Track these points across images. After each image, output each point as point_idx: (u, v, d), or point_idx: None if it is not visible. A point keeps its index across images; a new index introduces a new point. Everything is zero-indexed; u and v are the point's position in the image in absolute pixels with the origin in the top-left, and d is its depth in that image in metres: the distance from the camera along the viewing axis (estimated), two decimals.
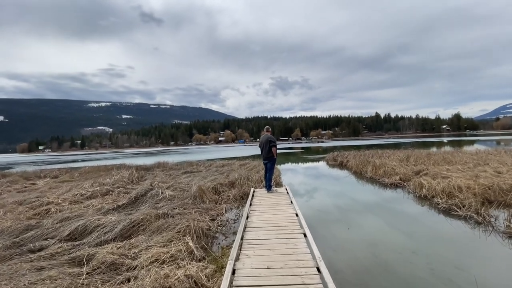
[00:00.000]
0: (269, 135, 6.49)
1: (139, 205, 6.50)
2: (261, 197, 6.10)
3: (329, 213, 5.84)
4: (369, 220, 5.30)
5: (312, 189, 8.52)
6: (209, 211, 5.93)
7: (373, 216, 5.52)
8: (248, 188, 7.51)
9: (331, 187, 8.80)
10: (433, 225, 4.86)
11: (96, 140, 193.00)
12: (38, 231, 4.37)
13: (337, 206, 6.34)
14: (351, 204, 6.57)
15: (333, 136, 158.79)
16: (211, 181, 8.81)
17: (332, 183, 9.59)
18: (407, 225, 4.96)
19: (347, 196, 7.43)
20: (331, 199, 7.13)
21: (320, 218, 5.45)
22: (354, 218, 5.41)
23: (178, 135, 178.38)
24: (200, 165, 15.51)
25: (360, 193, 7.76)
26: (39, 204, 6.65)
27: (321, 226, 4.84)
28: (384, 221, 5.17)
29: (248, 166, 13.05)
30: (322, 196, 7.54)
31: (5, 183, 11.04)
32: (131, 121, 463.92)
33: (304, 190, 8.46)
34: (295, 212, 4.59)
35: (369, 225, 4.98)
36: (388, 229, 4.76)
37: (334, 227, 4.87)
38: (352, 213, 5.77)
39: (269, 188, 6.56)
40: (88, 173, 14.21)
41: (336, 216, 5.62)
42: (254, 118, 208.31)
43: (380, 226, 4.93)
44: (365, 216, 5.58)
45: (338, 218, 5.43)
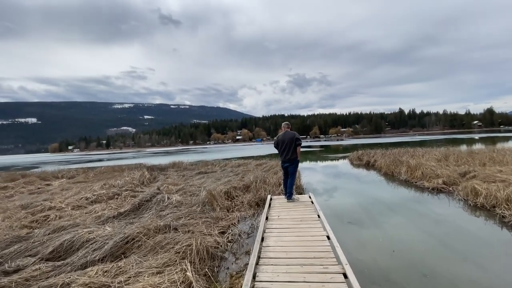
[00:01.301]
0: (293, 132, 5.49)
1: (143, 212, 5.86)
2: (280, 207, 5.15)
3: (362, 226, 4.81)
4: (413, 235, 4.22)
5: (338, 195, 7.46)
6: (219, 221, 5.12)
7: (417, 230, 4.42)
8: (265, 194, 6.62)
9: (360, 192, 7.67)
10: (500, 247, 3.71)
11: (120, 140, 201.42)
12: (23, 245, 3.78)
13: (371, 217, 5.28)
14: (387, 213, 5.48)
15: (353, 133, 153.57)
16: (224, 184, 8.03)
17: (361, 187, 8.43)
18: (463, 244, 3.83)
19: (382, 203, 6.31)
20: (362, 207, 6.05)
21: (354, 235, 4.44)
22: (398, 236, 4.34)
23: (197, 134, 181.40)
24: (215, 165, 14.87)
25: (396, 200, 6.60)
26: (41, 209, 6.21)
27: (361, 252, 3.84)
28: (435, 238, 4.07)
29: (265, 166, 12.17)
30: (350, 204, 6.46)
31: (21, 184, 11.00)
32: (152, 121, 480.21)
33: (329, 195, 7.43)
34: (326, 233, 3.50)
35: (414, 241, 3.91)
36: (441, 250, 3.67)
37: (377, 251, 3.85)
38: (392, 227, 4.70)
39: (290, 197, 5.55)
40: (102, 173, 14.06)
41: (375, 232, 4.58)
42: (271, 117, 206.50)
43: (429, 243, 3.85)
44: (407, 229, 4.50)
45: (377, 235, 4.40)
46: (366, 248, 3.80)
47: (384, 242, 4.04)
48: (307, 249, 3.04)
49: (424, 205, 6.09)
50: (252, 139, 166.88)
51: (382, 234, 4.34)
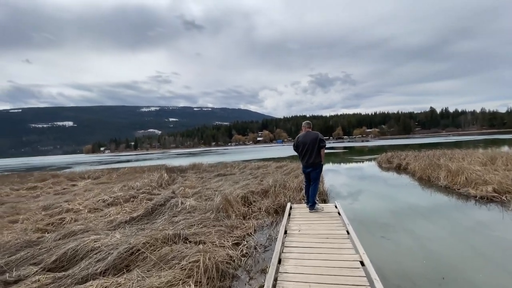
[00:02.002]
0: (316, 132, 4.86)
1: (156, 216, 5.60)
2: (301, 219, 4.51)
3: (399, 242, 4.10)
4: (464, 253, 3.46)
5: (367, 202, 6.71)
6: (234, 230, 4.69)
7: (467, 247, 3.64)
8: (284, 200, 6.08)
9: (392, 199, 6.85)
10: None
11: (147, 141, 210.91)
12: (30, 252, 3.63)
13: (409, 230, 4.54)
14: (428, 226, 4.69)
15: (380, 134, 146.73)
16: (242, 188, 7.62)
17: (392, 193, 7.57)
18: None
19: (419, 213, 5.50)
20: (396, 217, 5.30)
21: (391, 255, 3.77)
22: (446, 258, 3.61)
23: (219, 136, 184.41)
24: (234, 167, 14.56)
25: (436, 209, 5.73)
26: (59, 212, 6.21)
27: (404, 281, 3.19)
28: (489, 259, 3.29)
29: (285, 169, 11.59)
30: (381, 212, 5.72)
31: (49, 184, 11.46)
32: (177, 123, 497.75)
33: (356, 202, 6.70)
34: (358, 256, 2.77)
35: (466, 263, 3.17)
36: (500, 273, 2.91)
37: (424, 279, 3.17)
38: (437, 244, 3.95)
39: (312, 206, 4.87)
40: (125, 174, 14.33)
41: (417, 250, 3.88)
42: (293, 118, 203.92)
43: (484, 264, 3.09)
44: (455, 246, 3.73)
45: (419, 253, 3.70)
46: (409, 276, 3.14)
47: (429, 263, 3.34)
48: (335, 280, 2.40)
49: (471, 216, 5.20)
50: (273, 140, 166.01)
51: (426, 253, 3.63)
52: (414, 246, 3.93)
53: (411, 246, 3.93)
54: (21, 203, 7.52)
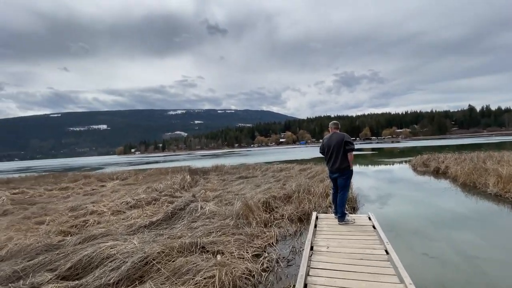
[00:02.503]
0: (342, 133, 4.39)
1: (175, 221, 5.46)
2: (329, 232, 3.97)
3: (452, 267, 3.49)
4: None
5: (404, 213, 6.02)
6: (254, 239, 4.36)
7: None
8: (309, 207, 5.63)
9: (432, 210, 6.07)
10: None
11: (174, 143, 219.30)
12: (48, 257, 3.60)
13: (459, 250, 3.88)
14: (481, 246, 3.99)
15: (411, 134, 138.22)
16: (264, 192, 7.27)
17: (433, 203, 6.73)
18: None
19: (469, 228, 4.75)
20: (441, 234, 4.61)
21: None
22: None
23: (242, 137, 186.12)
24: (256, 169, 14.27)
25: (490, 225, 4.92)
26: (84, 213, 6.33)
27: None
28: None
29: (309, 172, 11.04)
30: (423, 227, 5.04)
31: (80, 185, 12.01)
32: (202, 125, 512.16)
33: (391, 211, 6.04)
34: (402, 282, 2.31)
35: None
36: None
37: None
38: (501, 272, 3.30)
39: (342, 218, 4.33)
40: (150, 175, 14.66)
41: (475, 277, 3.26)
42: (316, 118, 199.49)
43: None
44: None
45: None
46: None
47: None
48: None
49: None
50: (296, 141, 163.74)
51: (482, 278, 3.01)
52: (465, 267, 3.31)
53: (461, 268, 3.31)
54: (51, 204, 7.85)
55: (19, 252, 3.88)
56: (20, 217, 6.09)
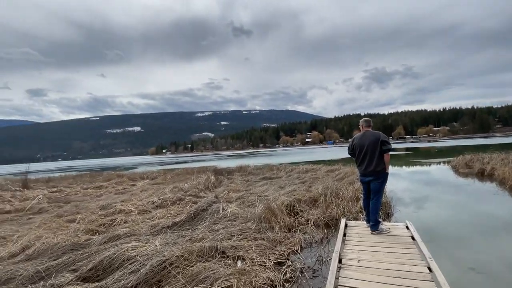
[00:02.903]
0: (377, 132, 3.93)
1: (197, 222, 5.39)
2: (360, 242, 3.52)
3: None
4: None
5: (445, 219, 5.34)
6: (277, 246, 4.10)
7: None
8: (337, 212, 5.21)
9: (478, 216, 5.31)
10: None
11: (202, 144, 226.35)
12: (72, 257, 3.68)
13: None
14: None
15: (450, 133, 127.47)
16: (288, 194, 6.97)
17: (479, 208, 5.92)
18: None
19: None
20: (489, 244, 3.96)
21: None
22: None
23: (266, 137, 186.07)
24: (281, 170, 13.95)
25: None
26: (112, 212, 6.55)
27: None
28: None
29: (337, 173, 10.46)
30: (468, 235, 4.39)
31: (113, 184, 12.65)
32: (227, 126, 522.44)
33: (430, 217, 5.39)
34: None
35: None
36: None
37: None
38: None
39: (375, 227, 3.84)
40: (178, 175, 15.04)
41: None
42: (345, 117, 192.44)
43: None
44: None
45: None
46: None
47: None
48: None
49: None
50: (323, 141, 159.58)
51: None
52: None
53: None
54: (84, 202, 8.29)
55: (46, 251, 4.02)
56: (53, 215, 6.46)
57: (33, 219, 6.54)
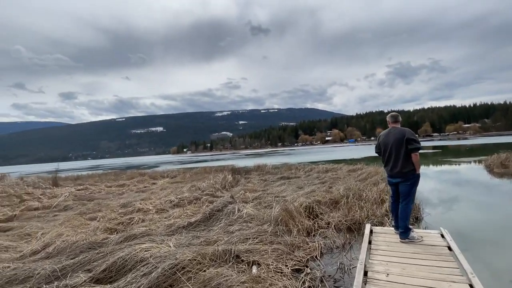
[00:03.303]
0: (403, 128, 3.55)
1: (213, 223, 5.28)
2: (388, 252, 3.12)
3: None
4: None
5: (483, 224, 4.79)
6: (295, 251, 3.86)
7: None
8: (360, 216, 4.85)
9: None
10: None
11: (221, 143, 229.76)
12: (88, 257, 3.69)
13: None
14: None
15: (481, 130, 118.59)
16: (307, 195, 6.66)
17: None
18: None
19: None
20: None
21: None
22: None
23: (285, 136, 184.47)
24: (299, 169, 13.59)
25: None
26: (131, 210, 6.64)
27: None
28: None
29: (360, 173, 9.94)
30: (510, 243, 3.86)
31: (134, 182, 13.00)
32: (246, 125, 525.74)
33: (465, 222, 4.86)
34: None
35: None
36: None
37: None
38: None
39: (404, 235, 3.40)
40: (196, 174, 15.17)
41: None
42: (367, 114, 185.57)
43: None
44: None
45: None
46: None
47: None
48: None
49: None
50: (343, 140, 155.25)
51: None
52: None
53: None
54: (107, 200, 8.54)
55: (65, 249, 4.08)
56: (76, 213, 6.67)
57: (58, 216, 6.79)
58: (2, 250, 4.43)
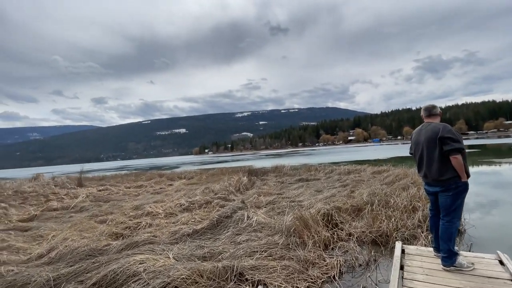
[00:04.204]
0: (438, 124, 2.81)
1: (220, 230, 4.87)
2: (428, 283, 2.40)
3: None
4: None
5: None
6: (309, 268, 3.31)
7: None
8: (388, 226, 4.16)
9: None
10: None
11: (241, 143, 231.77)
12: (83, 266, 3.43)
13: None
14: None
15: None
16: (325, 200, 6.04)
17: None
18: None
19: None
20: None
21: None
22: None
23: (306, 136, 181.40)
24: (319, 170, 12.84)
25: None
26: (141, 214, 6.44)
27: None
28: None
29: (386, 175, 9.03)
30: None
31: (152, 183, 13.06)
32: (266, 126, 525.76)
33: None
34: None
35: None
36: None
37: None
38: None
39: (449, 259, 2.63)
40: (213, 175, 14.97)
41: None
42: (393, 112, 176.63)
43: None
44: None
45: None
46: None
47: None
48: None
49: None
50: (367, 139, 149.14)
51: None
52: None
53: None
54: (122, 201, 8.49)
55: (66, 255, 3.88)
56: (89, 215, 6.61)
57: (73, 218, 6.79)
58: (13, 252, 4.40)
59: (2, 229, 5.61)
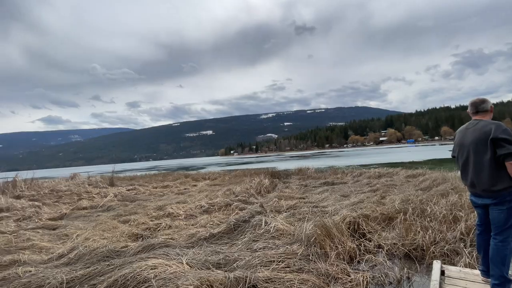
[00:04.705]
0: (489, 122, 2.29)
1: (237, 235, 4.68)
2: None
3: None
4: None
5: None
6: (331, 284, 2.98)
7: None
8: (423, 239, 3.64)
9: None
10: None
11: (266, 145, 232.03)
12: (98, 268, 3.44)
13: None
14: None
15: None
16: (352, 207, 5.58)
17: None
18: None
19: None
20: None
21: None
22: None
23: (333, 137, 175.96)
24: (346, 174, 12.17)
25: None
26: (162, 215, 6.50)
27: None
28: None
29: (422, 179, 8.20)
30: None
31: (177, 184, 13.35)
32: (291, 127, 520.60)
33: None
34: None
35: None
36: None
37: None
38: None
39: (500, 287, 2.14)
40: (235, 177, 14.93)
41: None
42: (429, 111, 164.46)
43: None
44: None
45: None
46: None
47: None
48: None
49: None
50: (401, 140, 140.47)
51: None
52: None
53: None
54: (147, 201, 8.71)
55: (84, 256, 3.95)
56: (113, 214, 6.82)
57: (99, 217, 7.06)
58: (36, 251, 4.57)
59: (31, 228, 5.96)
